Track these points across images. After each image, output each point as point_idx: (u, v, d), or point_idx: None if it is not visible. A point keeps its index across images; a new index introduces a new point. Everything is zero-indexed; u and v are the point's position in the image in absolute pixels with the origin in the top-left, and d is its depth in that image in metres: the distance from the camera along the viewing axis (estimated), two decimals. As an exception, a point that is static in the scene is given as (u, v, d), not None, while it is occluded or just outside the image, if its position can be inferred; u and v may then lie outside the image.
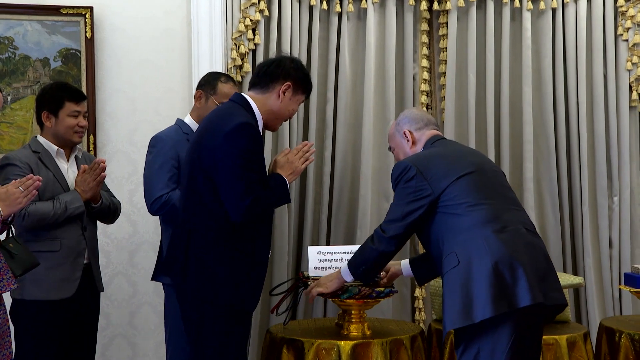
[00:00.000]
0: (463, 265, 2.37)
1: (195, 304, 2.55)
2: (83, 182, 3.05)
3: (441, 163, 2.55)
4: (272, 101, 2.64)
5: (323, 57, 4.12)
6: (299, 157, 2.73)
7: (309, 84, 2.73)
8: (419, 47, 4.21)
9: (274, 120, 2.69)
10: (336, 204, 4.10)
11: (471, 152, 2.73)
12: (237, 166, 2.45)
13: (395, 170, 2.61)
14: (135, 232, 3.94)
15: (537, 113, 4.22)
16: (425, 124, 2.78)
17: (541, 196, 4.23)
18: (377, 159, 4.12)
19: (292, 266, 4.05)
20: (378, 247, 2.59)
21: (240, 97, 2.64)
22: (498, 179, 2.61)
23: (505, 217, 2.44)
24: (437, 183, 2.49)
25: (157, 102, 3.94)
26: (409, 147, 2.76)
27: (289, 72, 2.65)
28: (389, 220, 2.57)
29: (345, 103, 4.10)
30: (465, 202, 2.44)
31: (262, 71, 2.68)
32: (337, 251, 3.23)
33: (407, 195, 2.53)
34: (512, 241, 2.38)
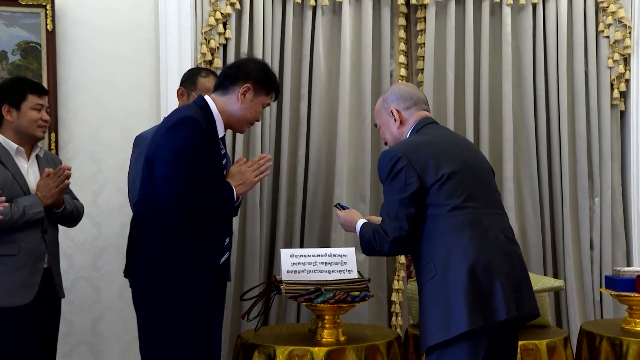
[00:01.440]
0: (440, 276, 2.36)
1: (140, 301, 2.60)
2: (45, 187, 2.97)
3: (430, 155, 2.46)
4: (233, 104, 2.66)
5: (297, 53, 4.10)
6: (252, 169, 2.72)
7: (273, 85, 2.73)
8: (396, 43, 4.21)
9: (237, 123, 2.71)
10: (310, 205, 4.08)
11: (462, 143, 2.65)
12: (172, 157, 2.47)
13: (383, 160, 2.51)
14: (100, 234, 3.88)
15: (517, 111, 4.24)
16: (414, 103, 2.66)
17: (521, 196, 4.25)
18: (353, 158, 4.11)
19: (264, 270, 4.03)
20: (381, 249, 2.50)
21: (200, 99, 2.68)
22: (485, 178, 2.57)
23: (486, 223, 2.43)
24: (424, 177, 2.43)
25: (122, 98, 3.89)
26: (396, 127, 2.65)
27: (249, 74, 2.67)
28: (385, 219, 2.48)
29: (320, 100, 4.09)
30: (448, 203, 2.41)
31: (223, 73, 2.73)
32: (311, 254, 3.21)
33: (399, 189, 2.44)
34: (490, 250, 2.38)
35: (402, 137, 2.65)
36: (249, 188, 2.73)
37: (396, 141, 2.65)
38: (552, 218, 4.27)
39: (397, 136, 2.66)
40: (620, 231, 4.27)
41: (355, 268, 3.23)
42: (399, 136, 2.66)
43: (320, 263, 3.19)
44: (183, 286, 2.53)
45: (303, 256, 3.20)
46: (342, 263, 3.21)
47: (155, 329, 2.55)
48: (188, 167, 2.48)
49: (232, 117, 2.68)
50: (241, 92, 2.65)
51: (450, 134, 2.74)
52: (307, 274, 3.13)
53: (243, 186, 2.69)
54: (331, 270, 3.18)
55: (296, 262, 3.17)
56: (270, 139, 4.02)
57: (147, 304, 2.57)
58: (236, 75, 2.67)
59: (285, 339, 3.12)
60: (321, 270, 3.17)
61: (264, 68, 2.73)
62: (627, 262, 4.27)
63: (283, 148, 4.04)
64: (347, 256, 3.23)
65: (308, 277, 3.12)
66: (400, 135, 2.66)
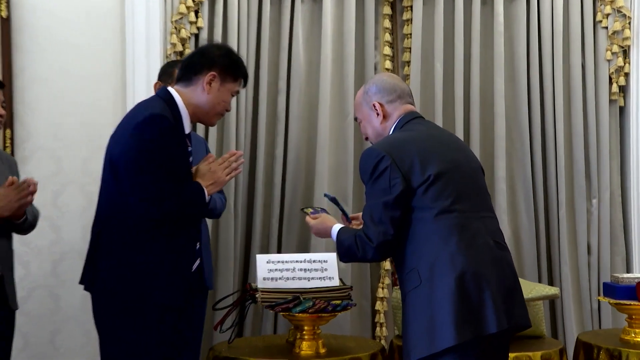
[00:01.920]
0: (425, 285, 2.35)
1: (105, 306, 2.56)
2: (4, 198, 2.84)
3: (416, 154, 2.44)
4: (198, 94, 2.63)
5: (274, 43, 4.08)
6: (223, 167, 2.70)
7: (240, 71, 2.71)
8: (380, 33, 4.20)
9: (205, 116, 2.69)
10: (288, 208, 4.07)
11: (450, 141, 2.63)
12: (140, 158, 2.45)
13: (365, 160, 2.49)
14: (59, 239, 3.84)
15: (510, 106, 4.25)
16: (398, 96, 2.63)
17: (514, 198, 4.26)
18: (335, 157, 4.10)
19: (239, 277, 4.01)
20: (364, 256, 2.47)
21: (164, 91, 2.64)
22: (474, 178, 2.56)
23: (474, 227, 2.42)
24: (410, 178, 2.41)
25: (85, 91, 3.85)
26: (379, 121, 2.62)
27: (213, 61, 2.64)
28: (368, 223, 2.45)
29: (299, 94, 4.07)
30: (434, 207, 2.40)
31: (185, 63, 2.70)
32: (289, 260, 3.20)
33: (383, 191, 2.41)
34: (479, 257, 2.37)
35: (385, 132, 2.63)
36: (220, 187, 2.71)
37: (379, 136, 2.64)
38: (547, 221, 4.28)
39: (379, 131, 2.64)
40: (619, 235, 4.29)
41: (337, 275, 3.21)
42: (382, 131, 2.64)
43: (299, 269, 3.18)
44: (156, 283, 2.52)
45: (280, 262, 3.19)
46: (322, 269, 3.20)
47: (124, 329, 2.53)
48: (158, 171, 2.47)
49: (200, 110, 2.65)
50: (206, 82, 2.62)
51: (437, 130, 2.73)
52: (285, 282, 3.12)
53: (214, 186, 2.67)
54: (311, 277, 3.17)
55: (273, 269, 3.15)
56: (246, 136, 4.01)
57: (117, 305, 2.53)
58: (200, 64, 2.64)
59: (261, 352, 3.11)
60: (300, 277, 3.16)
61: (229, 53, 2.71)
62: (626, 268, 4.29)
63: (259, 146, 4.02)
64: (327, 262, 3.22)
65: (286, 285, 3.11)
66: (383, 131, 2.64)
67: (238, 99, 3.94)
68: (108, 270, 2.54)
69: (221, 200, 3.31)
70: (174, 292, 2.57)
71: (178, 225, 2.57)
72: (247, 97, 3.98)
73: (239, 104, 3.95)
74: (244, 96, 3.96)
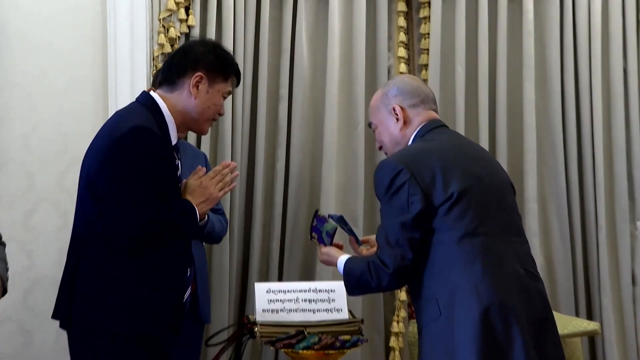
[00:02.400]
0: (445, 317, 2.33)
1: (83, 346, 2.50)
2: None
3: (439, 168, 2.42)
4: (185, 99, 2.59)
5: (275, 44, 4.09)
6: (215, 182, 2.66)
7: (231, 68, 2.67)
8: (394, 33, 4.20)
9: (195, 122, 2.65)
10: (290, 229, 4.05)
11: (476, 153, 2.62)
12: (122, 178, 2.41)
13: (381, 173, 2.47)
14: (32, 265, 3.82)
15: (542, 116, 4.24)
16: (422, 100, 2.62)
17: (547, 220, 4.24)
18: (343, 172, 4.09)
19: (235, 309, 3.99)
20: (380, 284, 2.44)
21: (146, 97, 2.60)
22: (502, 197, 2.54)
23: (501, 254, 2.39)
24: (431, 195, 2.39)
25: (62, 97, 3.85)
26: (398, 128, 2.62)
27: (197, 60, 2.60)
28: (383, 246, 2.43)
29: (303, 102, 4.07)
30: (456, 229, 2.38)
31: (167, 64, 2.66)
32: (291, 289, 3.20)
33: (400, 210, 2.40)
34: (506, 287, 2.34)
35: (403, 140, 2.62)
36: (213, 204, 2.67)
37: (396, 145, 2.62)
38: (585, 246, 4.26)
39: (397, 139, 2.63)
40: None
41: (346, 306, 3.20)
42: (400, 139, 2.63)
43: (303, 300, 3.17)
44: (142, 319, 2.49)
45: (282, 291, 3.18)
46: (329, 300, 3.20)
47: None
48: (143, 192, 2.43)
49: (188, 117, 2.61)
50: (192, 84, 2.57)
51: (463, 141, 2.71)
52: (287, 314, 3.11)
53: (206, 203, 2.63)
54: (316, 309, 3.16)
55: (273, 299, 3.15)
56: (243, 149, 4.00)
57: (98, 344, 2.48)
58: (182, 64, 2.60)
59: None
60: (304, 309, 3.15)
61: (216, 49, 2.67)
62: (676, 300, 4.27)
63: (258, 160, 4.01)
64: (335, 292, 3.21)
65: (288, 318, 3.10)
66: (401, 139, 2.62)
67: (234, 107, 3.93)
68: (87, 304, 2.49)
69: (221, 222, 3.29)
70: (162, 328, 2.53)
71: (166, 251, 2.55)
72: (244, 104, 3.98)
73: (234, 113, 3.94)
74: (240, 103, 3.95)
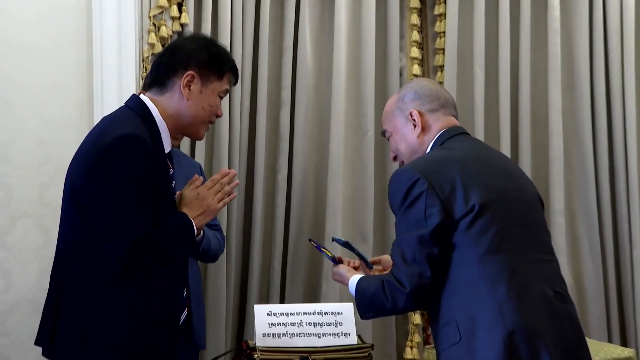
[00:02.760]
0: (466, 342, 2.32)
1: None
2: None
3: (459, 178, 2.42)
4: (176, 101, 2.59)
5: (276, 44, 4.10)
6: (213, 192, 2.65)
7: (226, 64, 2.66)
8: (407, 31, 4.21)
9: (190, 127, 2.64)
10: (293, 247, 4.05)
11: (502, 164, 2.62)
12: (115, 194, 2.39)
13: (396, 183, 2.48)
14: (9, 286, 3.81)
15: (569, 122, 4.24)
16: (441, 105, 2.64)
17: (575, 237, 4.24)
18: (350, 184, 4.10)
19: (232, 332, 3.99)
20: (395, 306, 2.44)
21: (136, 101, 2.59)
22: (529, 212, 2.53)
23: (528, 273, 2.38)
24: (451, 207, 2.39)
25: (43, 103, 3.85)
26: (416, 135, 2.63)
27: (188, 57, 2.60)
28: (399, 264, 2.42)
29: (306, 107, 4.08)
30: (477, 246, 2.37)
31: (155, 64, 2.65)
32: (295, 311, 3.20)
33: (417, 222, 2.39)
34: (533, 310, 2.33)
35: (421, 149, 2.62)
36: (211, 217, 2.66)
37: (413, 154, 2.62)
38: (618, 265, 4.25)
39: (414, 147, 2.64)
40: None
41: (354, 330, 3.20)
42: (418, 147, 2.63)
43: (308, 323, 3.17)
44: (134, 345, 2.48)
45: (284, 314, 3.18)
46: (336, 324, 3.19)
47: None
48: (134, 206, 2.41)
49: (182, 121, 2.60)
50: (183, 84, 2.57)
51: (487, 150, 2.70)
52: (290, 339, 3.11)
53: (204, 216, 2.62)
54: (322, 334, 3.16)
55: (275, 322, 3.14)
56: (241, 158, 4.00)
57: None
58: (172, 63, 2.59)
59: None
60: (308, 334, 3.15)
61: (208, 45, 2.66)
62: None
63: (258, 170, 4.01)
64: (343, 314, 3.21)
65: (291, 343, 3.10)
66: (419, 146, 2.63)
67: (231, 113, 3.93)
68: (72, 331, 2.47)
69: (218, 239, 3.28)
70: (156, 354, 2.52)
71: (160, 271, 2.54)
72: (242, 109, 3.98)
73: (232, 119, 3.95)
74: (238, 109, 3.95)
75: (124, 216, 2.39)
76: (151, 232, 2.43)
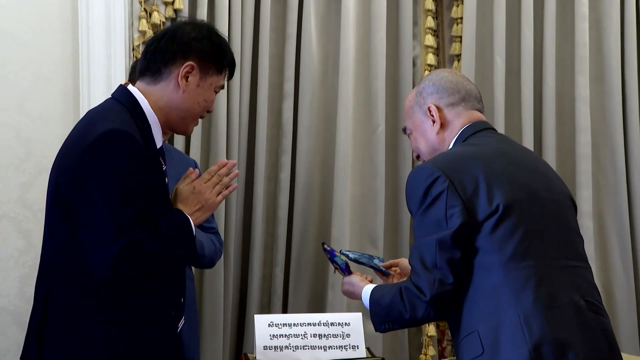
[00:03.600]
0: (489, 355, 2.31)
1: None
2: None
3: (483, 176, 2.42)
4: (171, 92, 2.59)
5: (278, 32, 4.11)
6: (211, 185, 2.66)
7: (226, 57, 2.67)
8: (421, 18, 4.23)
9: (181, 121, 2.64)
10: (297, 252, 4.06)
11: (530, 162, 2.61)
12: (100, 196, 2.39)
13: (414, 181, 2.48)
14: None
15: (598, 116, 4.25)
16: (462, 98, 2.63)
17: (605, 241, 4.25)
18: (359, 184, 4.11)
19: (231, 344, 4.00)
20: (414, 315, 2.43)
21: (123, 92, 2.59)
22: (560, 214, 2.52)
23: (557, 280, 2.38)
24: (475, 207, 2.38)
25: (23, 95, 3.86)
26: (435, 131, 2.63)
27: (189, 47, 2.59)
28: (418, 269, 2.41)
29: (311, 100, 4.09)
30: (502, 250, 2.36)
31: (151, 49, 2.63)
32: (298, 322, 3.21)
33: (437, 224, 2.39)
34: (563, 321, 2.33)
35: (442, 146, 2.63)
36: (210, 213, 2.66)
37: (434, 152, 2.63)
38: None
39: (435, 145, 2.64)
40: None
41: (363, 343, 3.20)
42: (439, 145, 2.64)
43: (312, 335, 3.18)
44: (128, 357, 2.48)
45: (287, 325, 3.19)
46: (343, 335, 3.20)
47: None
48: (128, 207, 2.41)
49: (174, 114, 2.60)
50: (182, 75, 2.57)
51: (515, 147, 2.70)
52: (293, 351, 3.12)
53: (202, 211, 2.63)
54: (328, 346, 3.17)
55: (277, 334, 3.15)
56: (240, 155, 4.01)
57: None
58: (171, 50, 2.59)
59: None
60: (313, 346, 3.16)
61: (211, 34, 2.66)
62: None
63: (258, 169, 4.02)
64: (350, 325, 3.22)
65: (294, 356, 3.10)
66: (440, 144, 2.64)
67: (230, 106, 3.95)
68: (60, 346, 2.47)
69: (213, 243, 3.29)
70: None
71: (154, 277, 2.53)
72: (241, 102, 3.99)
73: (230, 113, 3.96)
74: (237, 102, 3.96)
75: (111, 220, 2.38)
76: (142, 235, 2.42)
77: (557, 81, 4.22)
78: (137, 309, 2.48)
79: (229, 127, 3.96)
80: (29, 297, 2.69)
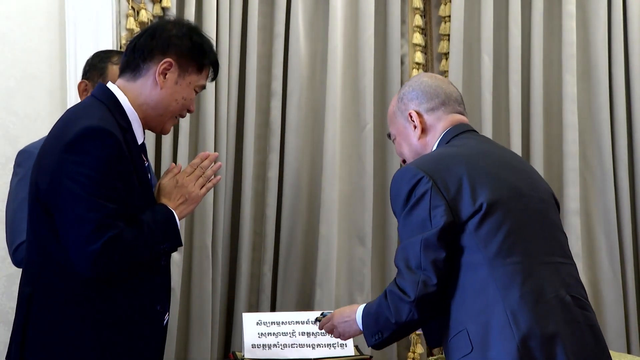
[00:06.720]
0: (478, 352, 2.33)
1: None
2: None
3: (466, 176, 2.44)
4: (149, 89, 2.60)
5: (265, 30, 4.12)
6: (194, 178, 2.68)
7: (206, 56, 2.68)
8: (409, 16, 4.24)
9: (158, 118, 2.65)
10: (285, 251, 4.07)
11: (512, 161, 2.64)
12: (81, 192, 2.38)
13: (398, 182, 2.50)
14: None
15: (585, 113, 4.27)
16: (442, 102, 2.66)
17: (592, 238, 4.27)
18: (347, 182, 4.12)
19: (220, 343, 4.00)
20: (398, 317, 2.44)
21: (103, 90, 2.60)
22: (543, 212, 2.54)
23: (543, 277, 2.39)
24: (458, 207, 2.41)
25: (9, 95, 3.85)
26: (417, 136, 2.66)
27: (168, 43, 2.61)
28: (402, 271, 2.43)
29: (299, 99, 4.09)
30: (487, 248, 2.38)
31: (131, 46, 2.65)
32: (287, 320, 3.23)
33: (421, 224, 2.41)
34: (549, 316, 2.35)
35: (425, 150, 2.66)
36: (194, 206, 2.68)
37: (417, 157, 2.64)
38: (638, 270, 4.28)
39: (418, 149, 2.67)
40: None
41: (352, 341, 3.21)
42: (422, 149, 2.66)
43: (301, 333, 3.20)
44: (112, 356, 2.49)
45: (275, 323, 3.21)
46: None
47: None
48: (109, 202, 2.41)
49: (151, 111, 2.62)
50: (159, 71, 2.59)
51: (494, 146, 2.73)
52: (282, 350, 3.14)
53: (186, 205, 2.65)
54: (316, 344, 3.19)
55: (265, 332, 3.17)
56: (228, 154, 4.01)
57: None
58: (150, 46, 2.60)
59: None
60: (302, 344, 3.18)
61: (191, 32, 2.67)
62: None
63: (246, 167, 4.03)
64: (339, 323, 3.22)
65: (283, 354, 3.12)
66: (422, 149, 2.66)
67: (218, 105, 3.95)
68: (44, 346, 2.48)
69: None
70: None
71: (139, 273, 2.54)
72: (229, 101, 4.00)
73: (218, 112, 3.96)
74: (224, 100, 3.97)
75: (93, 215, 2.38)
76: (125, 230, 2.43)
77: (544, 79, 4.24)
78: (122, 307, 2.49)
79: (217, 125, 3.97)
80: (16, 296, 2.69)
